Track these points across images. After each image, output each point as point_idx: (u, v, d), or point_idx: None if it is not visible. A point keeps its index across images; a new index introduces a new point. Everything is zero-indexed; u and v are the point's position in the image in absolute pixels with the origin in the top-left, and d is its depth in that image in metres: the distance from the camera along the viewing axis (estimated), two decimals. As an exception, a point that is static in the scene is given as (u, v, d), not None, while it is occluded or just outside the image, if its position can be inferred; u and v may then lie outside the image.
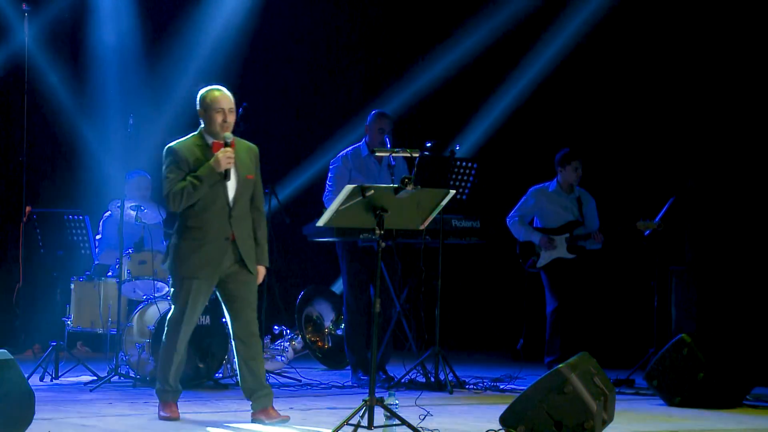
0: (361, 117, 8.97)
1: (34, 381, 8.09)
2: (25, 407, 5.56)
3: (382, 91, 11.74)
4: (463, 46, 11.82)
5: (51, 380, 8.46)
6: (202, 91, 6.56)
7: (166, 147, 6.53)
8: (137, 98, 11.37)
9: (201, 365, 8.32)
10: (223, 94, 6.50)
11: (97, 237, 9.27)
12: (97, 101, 11.48)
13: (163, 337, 6.63)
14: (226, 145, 6.42)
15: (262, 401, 6.51)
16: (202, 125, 6.55)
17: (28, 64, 10.01)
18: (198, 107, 6.54)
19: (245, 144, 6.64)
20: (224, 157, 6.37)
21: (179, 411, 6.64)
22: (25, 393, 5.57)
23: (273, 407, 6.53)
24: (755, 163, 10.29)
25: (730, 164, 10.36)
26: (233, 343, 6.61)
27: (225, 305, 6.60)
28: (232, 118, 6.50)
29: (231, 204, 6.45)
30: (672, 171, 10.64)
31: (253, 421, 6.52)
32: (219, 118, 6.45)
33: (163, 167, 6.49)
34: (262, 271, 6.63)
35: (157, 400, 6.67)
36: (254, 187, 6.58)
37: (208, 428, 6.40)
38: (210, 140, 6.50)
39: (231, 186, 6.45)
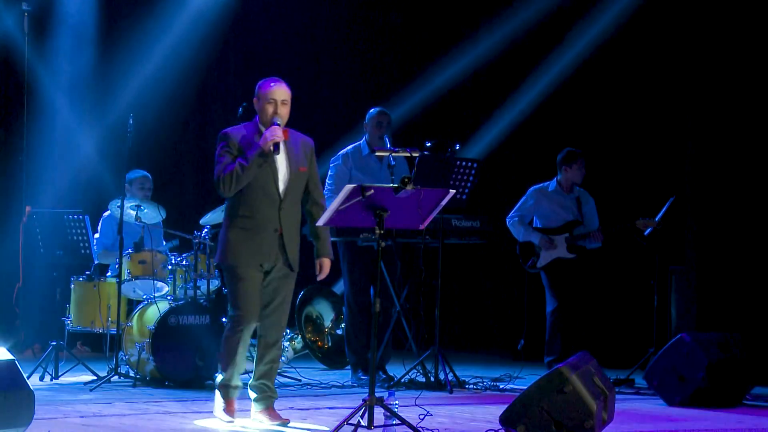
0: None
1: (33, 381, 8.09)
2: (24, 407, 5.56)
3: (389, 93, 11.71)
4: (470, 51, 11.82)
5: (51, 380, 8.45)
6: (259, 82, 6.49)
7: (220, 132, 6.44)
8: (136, 97, 11.38)
9: (200, 364, 8.32)
10: (277, 86, 6.42)
11: (95, 236, 9.27)
12: (96, 99, 11.46)
13: (224, 332, 6.50)
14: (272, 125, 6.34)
15: (264, 401, 6.51)
16: (257, 115, 6.47)
17: (28, 63, 10.02)
18: (254, 97, 6.48)
19: (301, 137, 6.54)
20: (270, 133, 6.27)
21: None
22: (24, 393, 5.57)
23: (274, 408, 6.52)
24: (755, 162, 10.29)
25: (731, 164, 10.36)
26: (257, 340, 6.53)
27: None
28: (284, 110, 6.40)
29: (281, 195, 6.35)
30: (672, 170, 10.63)
31: (253, 419, 6.52)
32: (270, 109, 6.37)
33: (216, 152, 6.39)
34: (327, 263, 6.54)
35: (216, 401, 6.59)
36: (309, 181, 6.50)
37: (207, 427, 6.40)
38: (262, 129, 6.39)
39: (282, 176, 6.36)
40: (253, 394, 6.55)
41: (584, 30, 11.23)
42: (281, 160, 6.37)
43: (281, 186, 6.36)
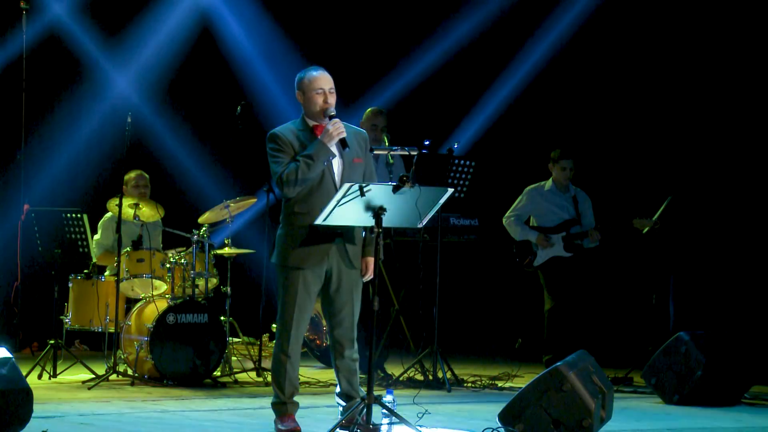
0: (355, 113, 8.95)
1: (32, 379, 8.09)
2: (23, 405, 5.55)
3: (377, 87, 11.70)
4: (457, 42, 11.81)
5: (49, 378, 8.46)
6: (299, 74, 6.05)
7: (268, 133, 6.02)
8: (135, 95, 11.38)
9: (198, 362, 8.33)
10: (322, 74, 6.00)
11: (96, 237, 9.27)
12: (96, 98, 11.47)
13: (275, 342, 6.15)
14: (330, 118, 5.93)
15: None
16: (303, 110, 6.06)
17: (27, 61, 10.01)
18: (296, 90, 6.05)
19: (353, 128, 6.13)
20: (334, 129, 5.86)
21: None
22: (23, 391, 5.57)
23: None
24: (754, 161, 10.30)
25: (729, 163, 10.37)
26: (331, 344, 6.13)
27: (323, 302, 6.14)
28: (333, 100, 5.99)
29: (338, 188, 5.80)
30: (669, 169, 10.64)
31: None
32: (320, 100, 5.96)
33: (268, 156, 5.98)
34: (369, 262, 6.10)
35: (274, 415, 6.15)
36: (365, 173, 6.10)
37: (206, 427, 6.40)
38: (311, 124, 6.02)
39: (337, 169, 5.97)
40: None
41: (583, 30, 11.23)
42: (337, 150, 5.97)
43: (337, 179, 5.95)
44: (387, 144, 8.47)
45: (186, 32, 11.67)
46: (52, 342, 8.51)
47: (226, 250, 8.85)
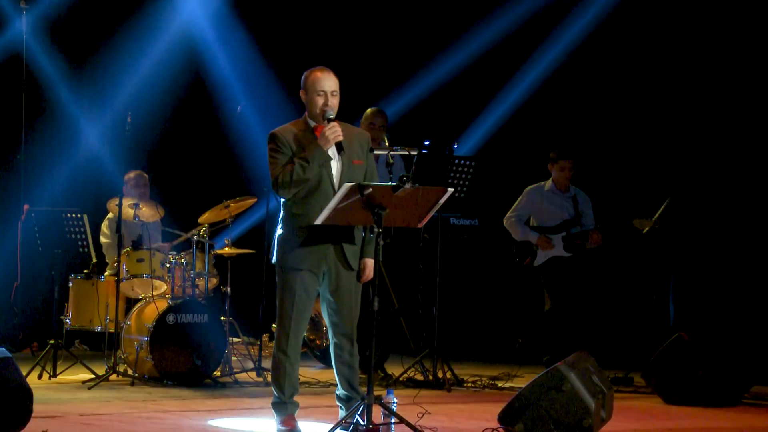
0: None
1: (32, 379, 8.09)
2: (23, 405, 5.56)
3: (382, 91, 11.71)
4: (464, 47, 11.81)
5: (49, 378, 8.45)
6: (305, 72, 6.05)
7: (269, 133, 6.01)
8: (135, 95, 11.38)
9: (198, 363, 8.33)
10: (325, 75, 5.99)
11: (105, 241, 9.27)
12: (96, 99, 11.47)
13: (274, 342, 6.15)
14: (329, 122, 5.93)
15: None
16: (306, 110, 6.06)
17: (27, 61, 10.03)
18: (301, 88, 6.05)
19: (355, 129, 6.18)
20: (331, 132, 5.88)
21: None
22: (23, 391, 5.57)
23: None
24: (753, 162, 10.29)
25: (728, 163, 10.36)
26: (331, 345, 6.13)
27: (323, 303, 6.12)
28: (335, 102, 5.98)
29: (337, 190, 5.82)
30: (669, 169, 10.64)
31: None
32: (320, 102, 5.96)
33: (268, 156, 5.99)
34: (370, 264, 6.11)
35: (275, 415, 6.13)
36: (365, 175, 6.08)
37: (206, 427, 6.40)
38: (312, 124, 6.01)
39: (335, 171, 5.97)
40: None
41: (582, 28, 11.23)
42: (334, 153, 5.96)
43: (335, 181, 5.96)
44: (387, 144, 8.46)
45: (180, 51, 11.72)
46: (52, 342, 8.50)
47: (226, 250, 8.85)
